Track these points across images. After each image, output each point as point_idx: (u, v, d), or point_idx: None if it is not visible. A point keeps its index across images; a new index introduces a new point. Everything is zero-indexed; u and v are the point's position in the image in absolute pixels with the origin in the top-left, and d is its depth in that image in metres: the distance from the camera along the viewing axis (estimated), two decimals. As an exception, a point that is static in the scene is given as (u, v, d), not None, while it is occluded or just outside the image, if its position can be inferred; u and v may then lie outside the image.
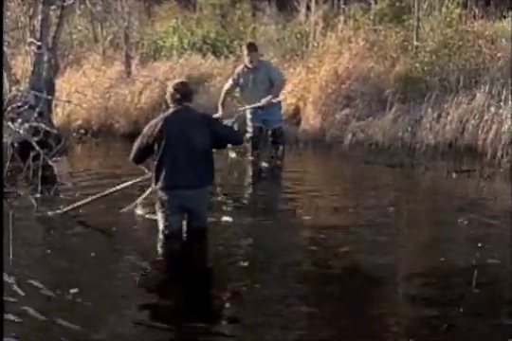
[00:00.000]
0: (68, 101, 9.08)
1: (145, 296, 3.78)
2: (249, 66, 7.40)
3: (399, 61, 9.01)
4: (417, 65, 8.78)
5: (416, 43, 9.15)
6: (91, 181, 6.60)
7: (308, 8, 10.88)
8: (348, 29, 9.68)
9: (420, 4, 9.49)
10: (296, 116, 9.05)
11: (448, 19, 9.33)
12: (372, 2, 11.23)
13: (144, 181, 5.04)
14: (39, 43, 8.43)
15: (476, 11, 9.39)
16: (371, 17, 10.34)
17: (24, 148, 6.74)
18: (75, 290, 3.68)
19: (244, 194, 6.47)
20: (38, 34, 8.53)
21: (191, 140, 4.52)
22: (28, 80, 8.65)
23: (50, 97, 8.51)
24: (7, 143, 6.59)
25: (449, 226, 5.00)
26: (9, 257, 4.06)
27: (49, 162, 6.34)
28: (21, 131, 6.92)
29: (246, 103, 7.56)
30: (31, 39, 8.66)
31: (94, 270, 4.15)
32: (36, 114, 7.41)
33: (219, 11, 13.40)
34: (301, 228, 5.09)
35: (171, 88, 4.65)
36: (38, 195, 5.78)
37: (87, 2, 11.01)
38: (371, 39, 9.40)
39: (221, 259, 4.41)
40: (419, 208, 5.84)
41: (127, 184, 5.23)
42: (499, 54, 8.53)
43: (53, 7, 8.69)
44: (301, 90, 9.14)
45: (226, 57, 10.81)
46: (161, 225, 4.65)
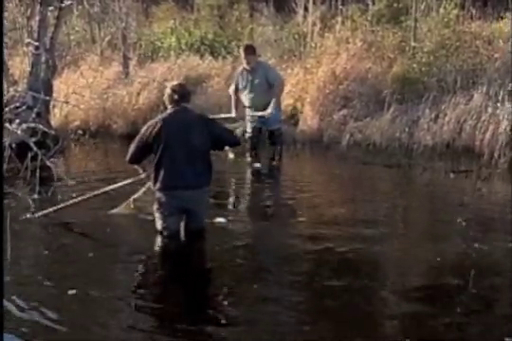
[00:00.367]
0: (66, 102, 9.09)
1: (143, 298, 3.77)
2: (247, 68, 7.45)
3: (397, 61, 9.03)
4: (415, 66, 8.80)
5: (414, 43, 9.17)
6: (89, 182, 6.58)
7: (306, 8, 10.88)
8: (346, 30, 9.70)
9: (417, 5, 9.52)
10: (294, 116, 9.06)
11: (446, 20, 9.37)
12: (369, 3, 11.24)
13: (137, 181, 5.02)
14: (37, 43, 8.44)
15: (473, 12, 9.45)
16: (368, 18, 10.35)
17: (22, 148, 6.74)
18: (73, 291, 3.68)
19: (240, 195, 6.47)
20: (36, 35, 8.54)
21: (189, 141, 4.52)
22: (26, 80, 8.66)
23: (48, 97, 8.51)
24: (4, 144, 6.58)
25: (447, 226, 5.01)
26: (7, 257, 4.07)
27: (47, 163, 6.33)
28: (19, 131, 6.91)
29: (245, 104, 7.60)
30: (29, 40, 8.68)
31: (92, 271, 4.14)
32: (34, 114, 7.42)
33: (217, 12, 13.39)
34: (298, 229, 5.08)
35: (168, 89, 4.67)
36: (36, 196, 5.78)
37: (85, 3, 11.03)
38: (368, 40, 9.43)
39: (218, 259, 4.41)
40: (416, 209, 5.85)
41: (118, 184, 5.19)
42: (496, 55, 8.55)
43: (51, 7, 8.71)
44: (298, 91, 9.15)
45: (223, 58, 10.83)
46: (159, 226, 4.64)
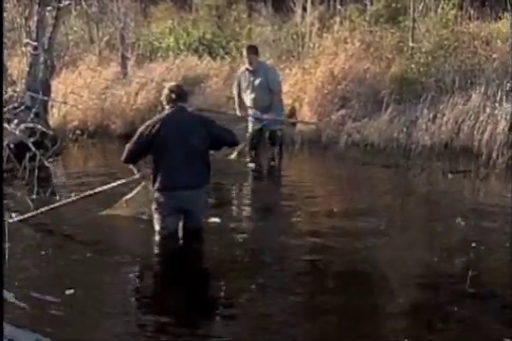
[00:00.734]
0: (64, 102, 9.09)
1: (141, 297, 3.78)
2: (249, 68, 7.51)
3: (395, 62, 9.02)
4: (413, 66, 8.79)
5: (412, 44, 9.17)
6: (87, 182, 6.57)
7: (304, 9, 10.86)
8: (344, 30, 9.70)
9: (416, 5, 9.52)
10: (292, 116, 9.05)
11: (444, 20, 9.37)
12: (367, 3, 11.25)
13: (131, 182, 5.01)
14: (35, 44, 8.43)
15: (471, 13, 9.44)
16: (367, 18, 10.36)
17: (20, 149, 6.73)
18: (71, 291, 3.68)
19: (239, 195, 6.47)
20: (34, 35, 8.53)
21: (188, 141, 4.52)
22: (24, 80, 8.64)
23: (46, 98, 8.50)
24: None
25: (445, 227, 5.01)
26: (5, 258, 4.07)
27: (46, 163, 6.33)
28: (17, 132, 6.91)
29: (247, 104, 7.64)
30: (27, 40, 8.66)
31: (90, 271, 4.14)
32: (32, 115, 7.43)
33: (215, 12, 13.40)
34: (296, 229, 5.09)
35: (166, 89, 4.68)
36: (34, 196, 5.78)
37: (83, 3, 11.03)
38: (367, 40, 9.42)
39: (216, 259, 4.41)
40: (414, 209, 5.85)
41: (112, 185, 5.15)
42: (494, 55, 8.54)
43: (49, 8, 8.69)
44: (296, 91, 9.14)
45: (222, 58, 10.83)
46: (157, 227, 4.65)
